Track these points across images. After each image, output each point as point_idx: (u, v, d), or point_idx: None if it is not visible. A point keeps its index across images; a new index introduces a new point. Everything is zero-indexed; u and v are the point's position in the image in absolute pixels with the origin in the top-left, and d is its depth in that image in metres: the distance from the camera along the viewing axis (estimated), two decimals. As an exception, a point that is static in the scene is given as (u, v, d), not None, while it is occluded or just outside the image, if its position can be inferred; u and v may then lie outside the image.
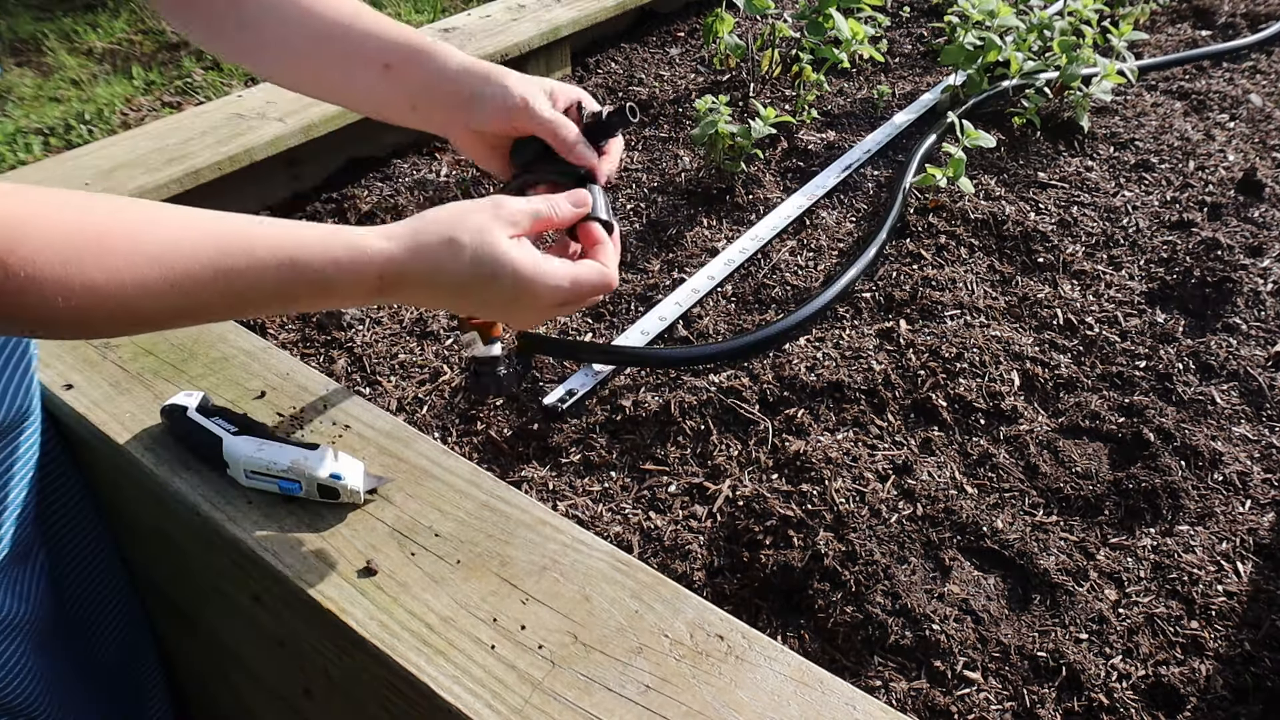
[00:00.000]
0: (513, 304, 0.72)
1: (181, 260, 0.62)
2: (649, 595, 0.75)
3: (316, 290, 0.67)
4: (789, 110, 1.74)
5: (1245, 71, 1.95)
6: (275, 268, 0.64)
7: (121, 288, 0.60)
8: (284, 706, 0.99)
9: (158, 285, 0.61)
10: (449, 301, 0.73)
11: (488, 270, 0.69)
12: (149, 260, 0.61)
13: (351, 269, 0.67)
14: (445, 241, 0.69)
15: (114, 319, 0.61)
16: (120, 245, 0.60)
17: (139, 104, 3.61)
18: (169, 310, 0.63)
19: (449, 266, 0.69)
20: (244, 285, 0.64)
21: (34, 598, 0.95)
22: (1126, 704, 0.82)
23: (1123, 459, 1.05)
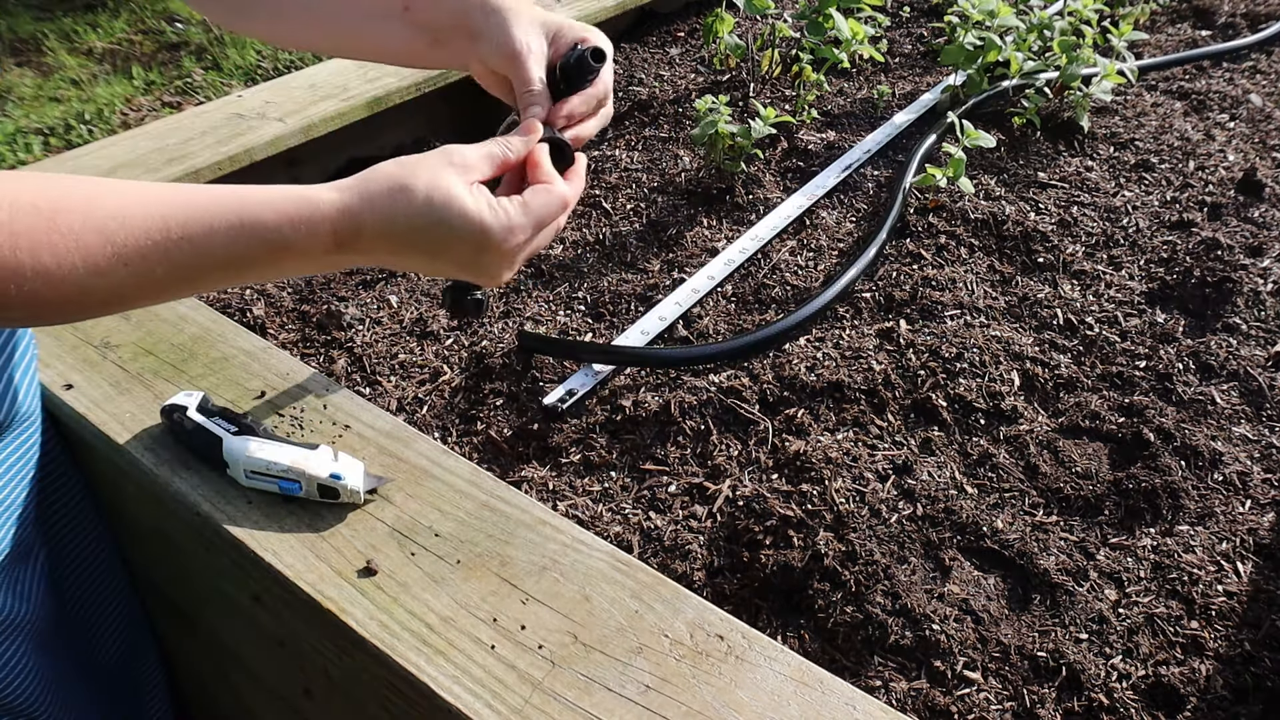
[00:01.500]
0: (479, 255, 0.70)
1: (130, 235, 0.60)
2: (649, 595, 0.75)
3: (271, 250, 0.64)
4: (789, 110, 1.74)
5: (1245, 71, 1.95)
6: (225, 230, 0.63)
7: (73, 270, 0.58)
8: (284, 706, 0.99)
9: (108, 264, 0.60)
10: (412, 256, 0.70)
11: (442, 218, 0.67)
12: (99, 239, 0.59)
13: (305, 224, 0.64)
14: (398, 188, 0.67)
15: (66, 302, 0.60)
16: (70, 225, 0.58)
17: (139, 104, 3.61)
18: (121, 289, 0.61)
19: (403, 215, 0.67)
20: (195, 253, 0.62)
21: (34, 598, 0.95)
22: (1126, 704, 0.82)
23: (1123, 459, 1.05)
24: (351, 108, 1.52)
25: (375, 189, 0.67)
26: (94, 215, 0.59)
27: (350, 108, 1.52)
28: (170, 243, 0.61)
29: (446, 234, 0.68)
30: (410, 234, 0.67)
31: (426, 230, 0.67)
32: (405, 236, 0.67)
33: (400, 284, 1.33)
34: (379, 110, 1.56)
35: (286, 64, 3.94)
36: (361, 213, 0.66)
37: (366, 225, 0.66)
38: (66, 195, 0.60)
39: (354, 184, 0.67)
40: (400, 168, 0.69)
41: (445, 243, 0.68)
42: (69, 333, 1.05)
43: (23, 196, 0.58)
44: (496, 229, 0.69)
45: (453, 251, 0.69)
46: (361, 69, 1.63)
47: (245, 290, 1.31)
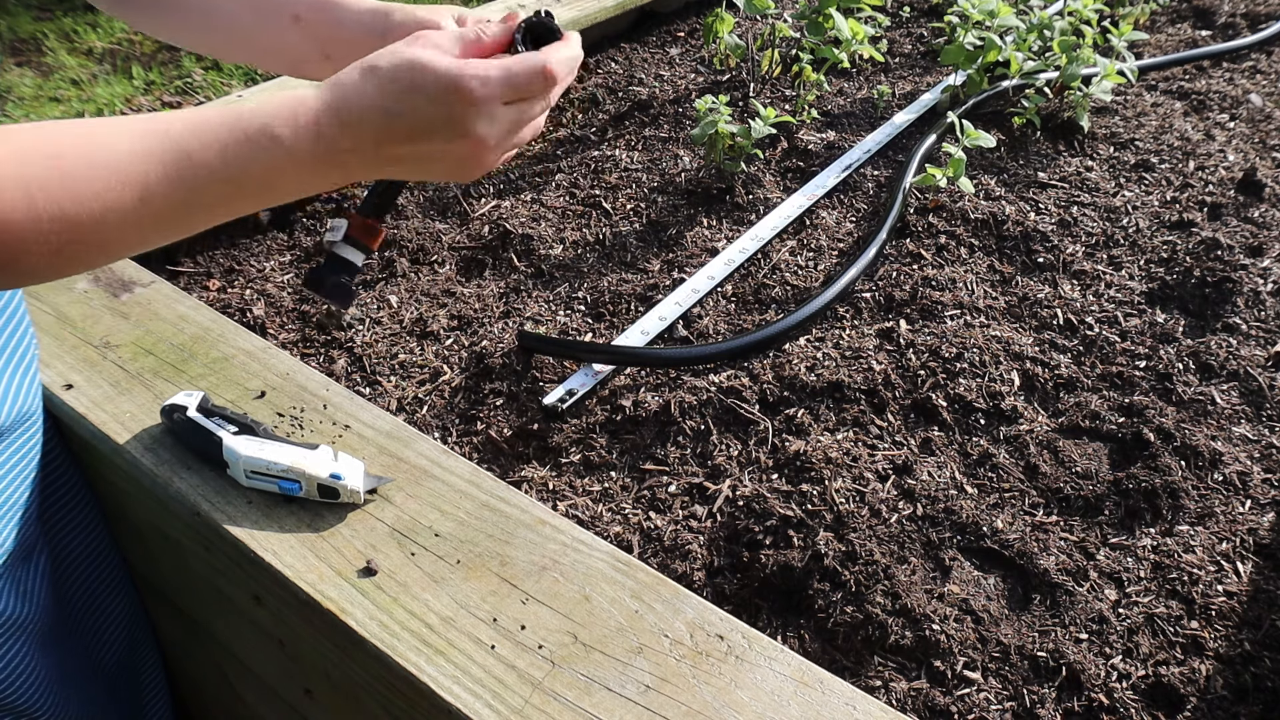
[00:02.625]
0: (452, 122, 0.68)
1: (135, 163, 0.62)
2: (649, 595, 0.75)
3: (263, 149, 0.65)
4: (789, 110, 1.74)
5: (1245, 71, 1.95)
6: (217, 139, 0.64)
7: (89, 210, 0.60)
8: (284, 706, 0.99)
9: (118, 197, 0.61)
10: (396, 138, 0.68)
11: (405, 79, 0.66)
12: (106, 173, 0.61)
13: (290, 117, 0.65)
14: (365, 71, 0.67)
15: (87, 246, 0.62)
16: (76, 168, 0.60)
17: (139, 104, 3.61)
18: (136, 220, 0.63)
19: (371, 91, 0.67)
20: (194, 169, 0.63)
21: (37, 598, 0.95)
22: (1126, 704, 0.82)
23: (1123, 459, 1.05)
24: (351, 108, 1.52)
25: (344, 76, 0.68)
26: (98, 154, 0.61)
27: (350, 108, 1.52)
28: (168, 164, 0.63)
29: (411, 97, 0.67)
30: (383, 111, 0.67)
31: (396, 104, 0.67)
32: (382, 115, 0.67)
33: (400, 284, 1.33)
34: (379, 110, 1.56)
35: (286, 64, 3.93)
36: (335, 100, 0.67)
37: (343, 111, 0.67)
38: (69, 139, 0.61)
39: (330, 80, 0.68)
40: (368, 56, 0.69)
41: (421, 112, 0.67)
42: (69, 333, 1.05)
43: (29, 144, 0.60)
44: (470, 83, 0.67)
45: (421, 114, 0.67)
46: (361, 69, 1.63)
47: (245, 290, 1.31)
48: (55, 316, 1.07)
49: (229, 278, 1.34)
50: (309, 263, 1.37)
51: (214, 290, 1.32)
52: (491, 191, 1.56)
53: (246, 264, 1.37)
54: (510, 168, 1.62)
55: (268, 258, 1.39)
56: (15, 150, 0.59)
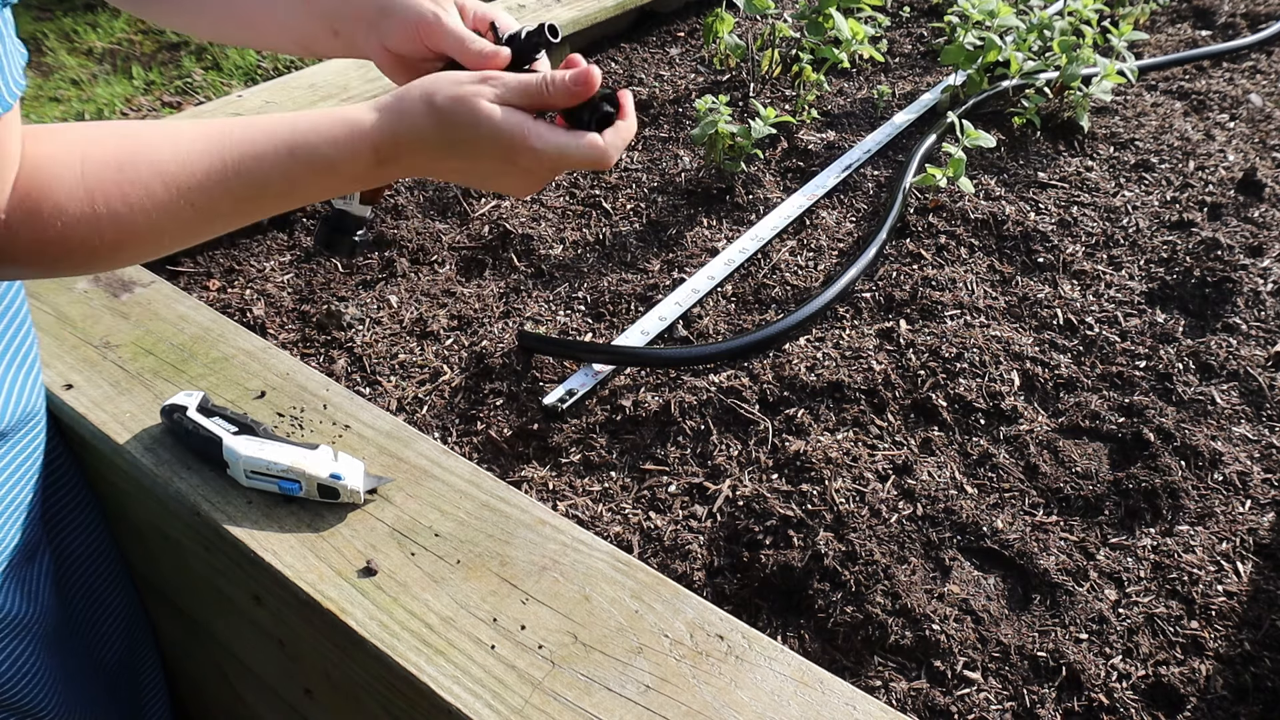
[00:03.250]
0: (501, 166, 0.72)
1: (192, 176, 0.65)
2: (649, 595, 0.75)
3: (319, 172, 0.69)
4: (789, 110, 1.74)
5: (1245, 71, 1.95)
6: (275, 159, 0.67)
7: (145, 214, 0.64)
8: (284, 706, 0.99)
9: (175, 205, 0.65)
10: (446, 162, 0.73)
11: (468, 132, 0.70)
12: (164, 183, 0.64)
13: (349, 145, 0.69)
14: (425, 104, 0.70)
15: (143, 243, 0.66)
16: (138, 174, 0.63)
17: (139, 104, 3.61)
18: (189, 224, 0.67)
19: (431, 129, 0.70)
20: (251, 183, 0.67)
21: (41, 597, 0.95)
22: (1126, 704, 0.82)
23: (1123, 459, 1.05)
24: (351, 108, 1.52)
25: (408, 104, 0.71)
26: (158, 162, 0.64)
27: (350, 108, 1.52)
28: (229, 178, 0.66)
29: (468, 134, 0.70)
30: (439, 141, 0.71)
31: (452, 136, 0.70)
32: (435, 143, 0.71)
33: (400, 284, 1.33)
34: (379, 110, 1.56)
35: (286, 64, 3.94)
36: (398, 130, 0.70)
37: (402, 137, 0.70)
38: (132, 144, 0.64)
39: (391, 102, 0.71)
40: (433, 80, 0.72)
41: (470, 146, 0.71)
42: (69, 333, 1.05)
43: (92, 151, 0.62)
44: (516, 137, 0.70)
45: (476, 148, 0.71)
46: (361, 69, 1.63)
47: (245, 290, 1.31)
48: (55, 316, 1.07)
49: (229, 278, 1.34)
50: (309, 262, 1.37)
51: (214, 290, 1.32)
52: (491, 191, 1.56)
53: (246, 264, 1.37)
54: (510, 168, 1.62)
55: (268, 258, 1.39)
56: (80, 152, 0.62)
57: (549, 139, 0.71)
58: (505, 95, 0.71)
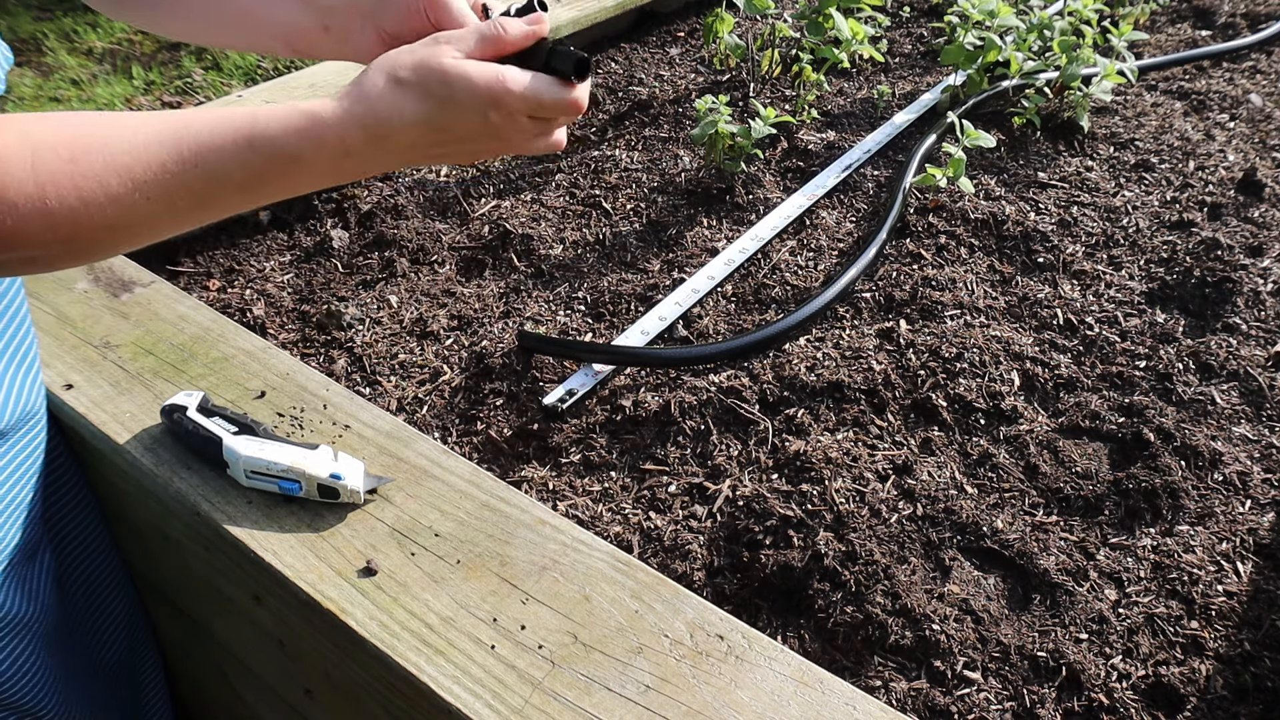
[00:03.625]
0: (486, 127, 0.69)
1: (149, 169, 0.63)
2: (649, 595, 0.75)
3: (282, 166, 0.66)
4: (789, 110, 1.74)
5: (1245, 71, 1.95)
6: (235, 152, 0.65)
7: (100, 208, 0.61)
8: (284, 706, 0.99)
9: (130, 198, 0.62)
10: (425, 143, 0.70)
11: (441, 92, 0.67)
12: (119, 176, 0.62)
13: (312, 136, 0.66)
14: (391, 83, 0.68)
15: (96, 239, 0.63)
16: (91, 167, 0.61)
17: (139, 104, 3.61)
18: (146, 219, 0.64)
19: (404, 105, 0.67)
20: (210, 177, 0.65)
21: (41, 597, 0.95)
22: (1126, 704, 0.82)
23: (1123, 459, 1.05)
24: (351, 108, 1.52)
25: (370, 88, 0.68)
26: (113, 154, 0.62)
27: (350, 108, 1.52)
28: (186, 171, 0.64)
29: (448, 107, 0.68)
30: (417, 122, 0.68)
31: (431, 115, 0.68)
32: (412, 124, 0.68)
33: (400, 284, 1.33)
34: (379, 110, 1.56)
35: (286, 65, 3.94)
36: (363, 115, 0.68)
37: (370, 125, 0.68)
38: (85, 136, 0.62)
39: (352, 90, 0.69)
40: (389, 59, 0.69)
41: (452, 118, 0.69)
42: (69, 332, 1.05)
43: (44, 141, 0.60)
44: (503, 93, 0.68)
45: (458, 119, 0.69)
46: (361, 69, 1.63)
47: (245, 290, 1.31)
48: (55, 316, 1.07)
49: (229, 278, 1.34)
50: (309, 262, 1.37)
51: (214, 290, 1.32)
52: (491, 191, 1.56)
53: (246, 264, 1.37)
54: (510, 167, 1.62)
55: (268, 258, 1.39)
56: (31, 144, 0.60)
57: (523, 79, 0.69)
58: (466, 48, 0.69)
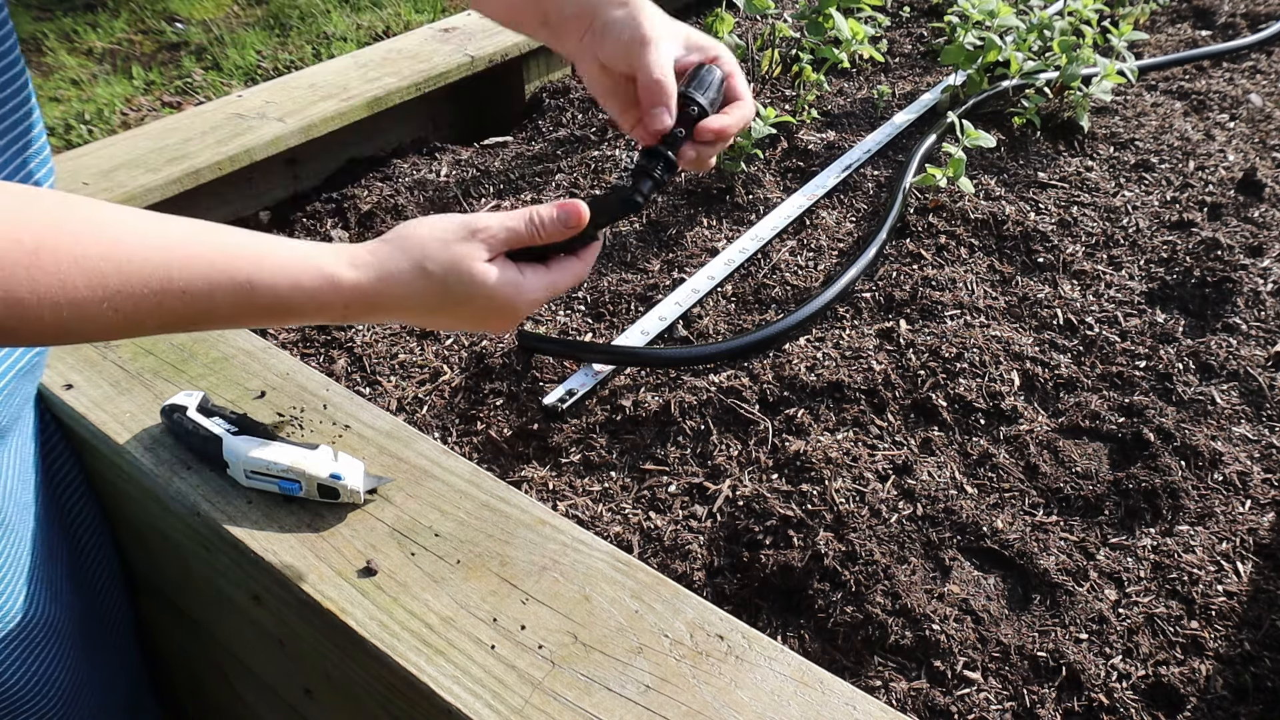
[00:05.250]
0: (487, 318, 0.72)
1: (125, 282, 0.56)
2: (649, 595, 0.75)
3: (275, 314, 0.64)
4: (789, 110, 1.74)
5: (1245, 71, 1.95)
6: (231, 290, 0.60)
7: (54, 307, 0.54)
8: (284, 706, 0.99)
9: (95, 307, 0.56)
10: (423, 320, 0.72)
11: (460, 292, 0.69)
12: (88, 280, 0.55)
13: (316, 296, 0.64)
14: (416, 271, 0.67)
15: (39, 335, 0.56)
16: (56, 262, 0.54)
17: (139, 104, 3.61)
18: (106, 329, 0.58)
19: (420, 294, 0.68)
20: (193, 308, 0.59)
21: (64, 598, 0.95)
22: (1126, 704, 0.82)
23: (1123, 459, 1.05)
24: (351, 108, 1.52)
25: (394, 270, 0.67)
26: (87, 255, 0.55)
27: (350, 108, 1.52)
28: (168, 294, 0.58)
29: (460, 304, 0.70)
30: (424, 309, 0.69)
31: (440, 306, 0.69)
32: (418, 310, 0.69)
33: (400, 284, 1.33)
34: (379, 110, 1.56)
35: (286, 64, 3.94)
36: (378, 295, 0.67)
37: (381, 303, 0.67)
38: (57, 227, 0.55)
39: (374, 264, 0.66)
40: (421, 243, 0.68)
41: (456, 311, 0.70)
42: (69, 333, 1.05)
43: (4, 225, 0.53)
44: (521, 303, 0.71)
45: (461, 313, 0.71)
46: (361, 69, 1.63)
47: (245, 290, 1.31)
48: (55, 316, 1.07)
49: (229, 278, 1.34)
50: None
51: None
52: (491, 191, 1.56)
53: (246, 264, 1.37)
54: (510, 168, 1.62)
55: (268, 258, 1.39)
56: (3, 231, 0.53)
57: (540, 286, 0.72)
58: (497, 248, 0.70)
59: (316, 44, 4.12)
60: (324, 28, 4.25)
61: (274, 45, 4.11)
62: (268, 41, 4.14)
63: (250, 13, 4.46)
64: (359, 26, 4.25)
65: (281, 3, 4.50)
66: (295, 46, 4.10)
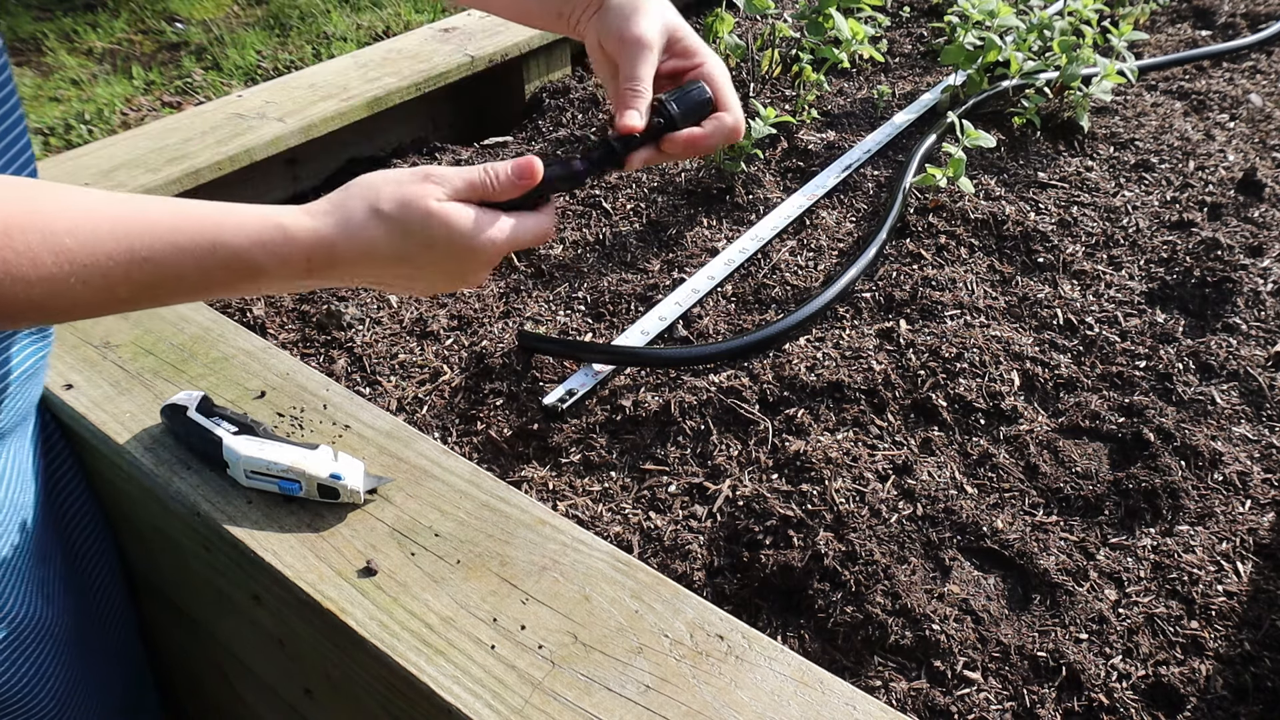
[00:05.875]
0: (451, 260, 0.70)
1: (91, 255, 0.59)
2: (649, 595, 0.75)
3: (240, 275, 0.64)
4: (789, 110, 1.74)
5: (1245, 71, 1.95)
6: (194, 253, 0.62)
7: (25, 285, 0.57)
8: (284, 706, 0.99)
9: (65, 283, 0.58)
10: (391, 274, 0.70)
11: (420, 232, 0.67)
12: (55, 258, 0.58)
13: (279, 251, 0.64)
14: (370, 213, 0.67)
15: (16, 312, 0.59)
16: (27, 243, 0.57)
17: (139, 104, 3.61)
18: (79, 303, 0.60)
19: (381, 239, 0.67)
20: (160, 274, 0.61)
21: (59, 600, 0.95)
22: (1126, 704, 0.82)
23: (1123, 459, 1.05)
24: (351, 108, 1.52)
25: (351, 214, 0.67)
26: (53, 233, 0.58)
27: (350, 108, 1.52)
28: (134, 264, 0.60)
29: (424, 250, 0.68)
30: (390, 257, 0.68)
31: (406, 252, 0.68)
32: (384, 258, 0.68)
33: (400, 284, 1.33)
34: (379, 110, 1.56)
35: (287, 64, 3.94)
36: (336, 240, 0.66)
37: (341, 252, 0.67)
38: (27, 209, 0.58)
39: (330, 209, 0.67)
40: (375, 188, 0.68)
41: (423, 258, 0.69)
42: (69, 333, 1.05)
43: None
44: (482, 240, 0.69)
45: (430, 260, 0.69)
46: (361, 69, 1.63)
47: (245, 290, 1.31)
48: (55, 316, 1.07)
49: (229, 278, 1.34)
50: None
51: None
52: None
53: (246, 264, 1.37)
54: (510, 168, 1.62)
55: (268, 258, 1.39)
56: None
57: (500, 228, 0.70)
58: (451, 195, 0.69)
59: (316, 44, 4.12)
60: (324, 28, 4.25)
61: (274, 45, 4.12)
62: (268, 41, 4.14)
63: (250, 13, 4.46)
64: (359, 26, 4.26)
65: (281, 3, 4.50)
66: (295, 46, 4.10)
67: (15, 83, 0.79)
